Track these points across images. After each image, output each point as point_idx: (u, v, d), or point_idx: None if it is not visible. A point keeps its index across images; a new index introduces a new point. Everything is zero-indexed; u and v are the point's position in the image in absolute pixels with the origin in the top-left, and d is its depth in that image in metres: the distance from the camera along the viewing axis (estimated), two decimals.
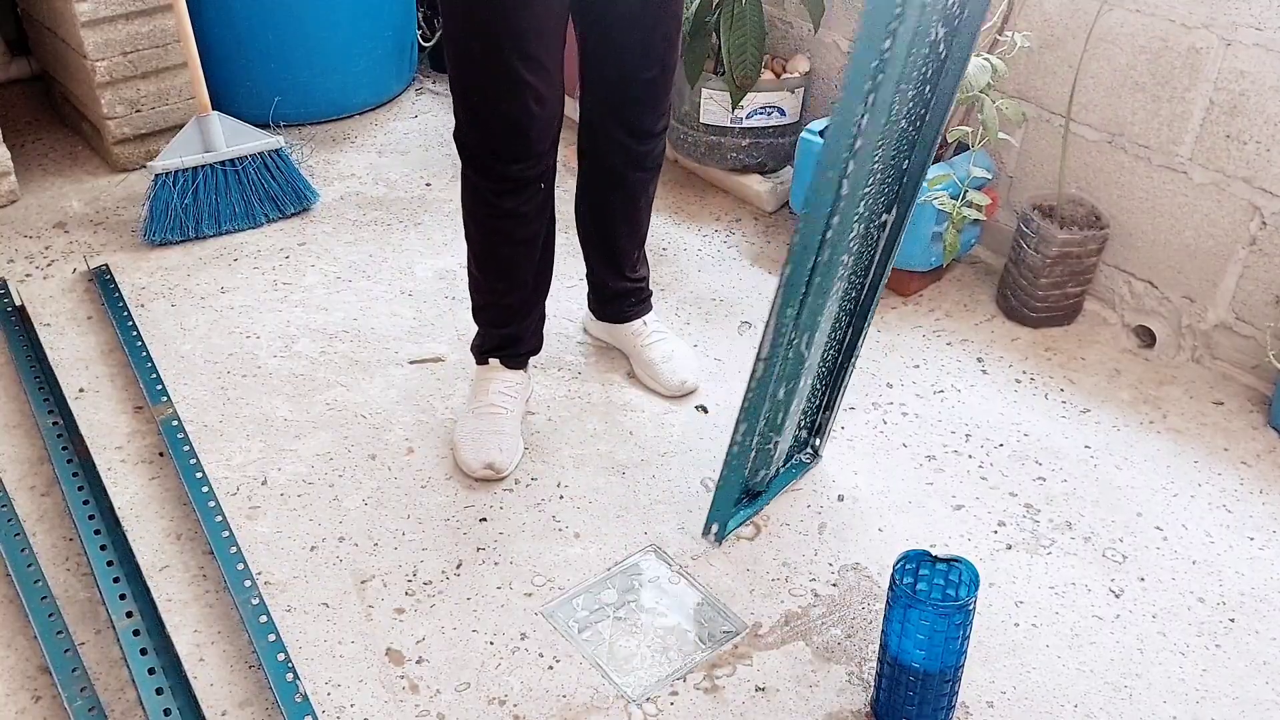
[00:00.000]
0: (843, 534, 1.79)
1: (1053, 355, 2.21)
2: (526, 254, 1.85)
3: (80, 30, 2.57)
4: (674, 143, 2.71)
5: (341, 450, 1.93)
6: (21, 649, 1.55)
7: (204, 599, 1.65)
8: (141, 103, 2.72)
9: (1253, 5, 1.92)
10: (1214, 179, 2.07)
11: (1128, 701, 1.53)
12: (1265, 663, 1.59)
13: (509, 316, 1.92)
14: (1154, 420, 2.05)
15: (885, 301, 2.35)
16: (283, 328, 2.23)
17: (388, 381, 2.10)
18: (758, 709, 1.51)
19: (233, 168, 2.52)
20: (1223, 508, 1.85)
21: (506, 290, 1.90)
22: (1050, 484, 1.89)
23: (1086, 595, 1.69)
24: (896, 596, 1.40)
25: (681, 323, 2.27)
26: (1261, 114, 1.97)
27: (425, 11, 3.26)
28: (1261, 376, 2.10)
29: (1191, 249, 2.14)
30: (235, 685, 1.52)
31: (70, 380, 2.06)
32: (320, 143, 2.94)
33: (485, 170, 1.76)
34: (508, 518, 1.80)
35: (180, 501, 1.80)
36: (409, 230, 2.57)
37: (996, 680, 1.56)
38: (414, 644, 1.59)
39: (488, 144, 1.73)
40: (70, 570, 1.68)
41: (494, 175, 1.76)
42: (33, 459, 1.89)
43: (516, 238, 1.83)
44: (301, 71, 2.92)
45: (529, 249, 1.85)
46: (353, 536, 1.76)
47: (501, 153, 1.72)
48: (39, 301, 2.29)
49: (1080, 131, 2.24)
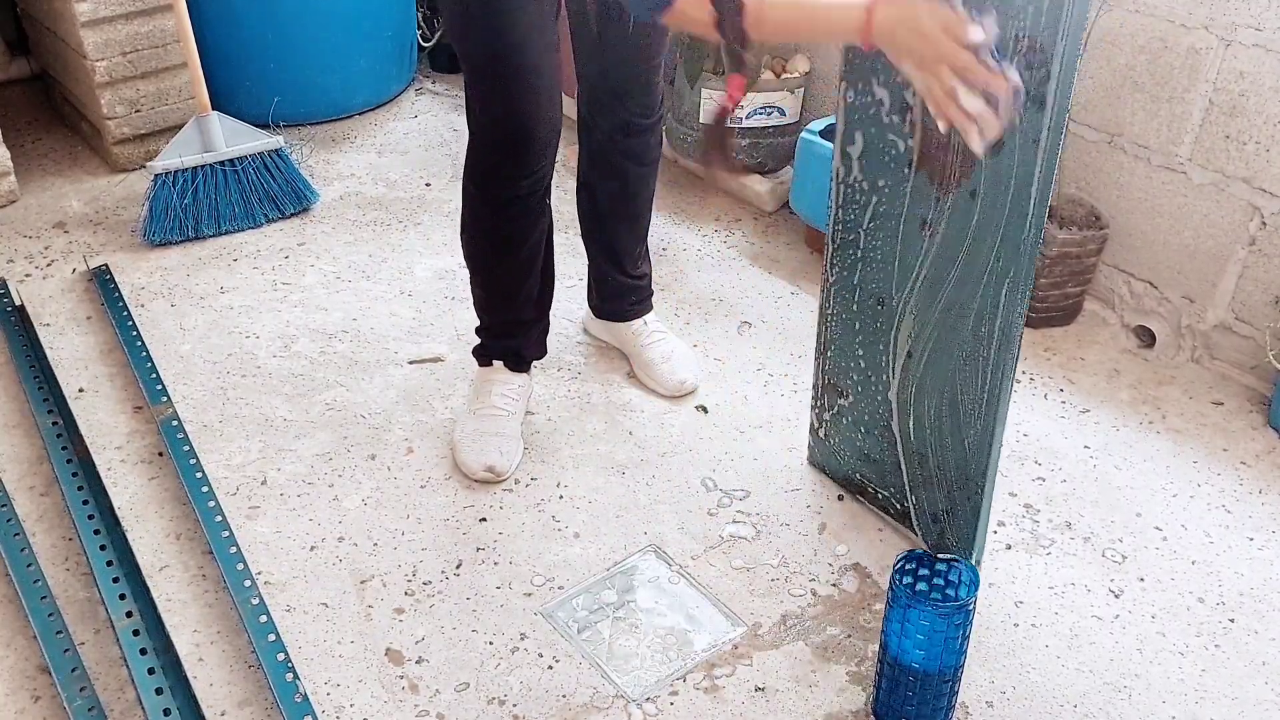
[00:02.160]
0: (843, 534, 1.79)
1: (1052, 355, 2.21)
2: (528, 272, 1.87)
3: (80, 30, 2.57)
4: (674, 143, 2.72)
5: (341, 450, 1.93)
6: (21, 649, 1.55)
7: (204, 599, 1.65)
8: (141, 103, 2.72)
9: (1252, 5, 1.92)
10: (1213, 179, 2.07)
11: (1127, 702, 1.53)
12: (1264, 663, 1.59)
13: (514, 329, 1.93)
14: (1153, 420, 2.05)
15: None
16: (282, 328, 2.23)
17: (387, 381, 2.10)
18: (757, 709, 1.51)
19: (232, 168, 2.52)
20: (1222, 508, 1.85)
21: (511, 308, 1.91)
22: (1050, 484, 1.89)
23: (1086, 595, 1.69)
24: (896, 596, 1.40)
25: (681, 323, 2.27)
26: (1261, 114, 1.97)
27: (425, 11, 3.26)
28: (1261, 377, 2.10)
29: (1191, 249, 2.15)
30: (235, 685, 1.52)
31: (70, 380, 2.06)
32: (320, 143, 2.94)
33: (494, 191, 1.77)
34: (507, 518, 1.80)
35: (180, 501, 1.80)
36: (408, 230, 2.57)
37: (996, 680, 1.56)
38: (414, 644, 1.59)
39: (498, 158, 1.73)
40: (70, 570, 1.68)
41: (501, 196, 1.76)
42: (32, 459, 1.89)
43: (518, 260, 1.84)
44: (301, 71, 2.92)
45: (530, 268, 1.87)
46: (352, 536, 1.76)
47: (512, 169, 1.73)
48: (39, 301, 2.29)
49: (1080, 132, 2.24)
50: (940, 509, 1.68)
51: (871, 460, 1.77)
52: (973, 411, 1.56)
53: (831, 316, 1.73)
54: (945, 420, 1.60)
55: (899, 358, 1.64)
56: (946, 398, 1.59)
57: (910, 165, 1.50)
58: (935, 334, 1.56)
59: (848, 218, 1.62)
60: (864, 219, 1.60)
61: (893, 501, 1.76)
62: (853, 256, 1.64)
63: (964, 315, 1.51)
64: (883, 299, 1.63)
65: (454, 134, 2.99)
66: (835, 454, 1.84)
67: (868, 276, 1.64)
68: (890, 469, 1.74)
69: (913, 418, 1.65)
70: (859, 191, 1.59)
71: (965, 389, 1.55)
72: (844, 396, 1.77)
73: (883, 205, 1.56)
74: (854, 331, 1.70)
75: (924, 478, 1.68)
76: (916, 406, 1.64)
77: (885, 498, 1.77)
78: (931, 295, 1.55)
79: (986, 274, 1.46)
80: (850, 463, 1.81)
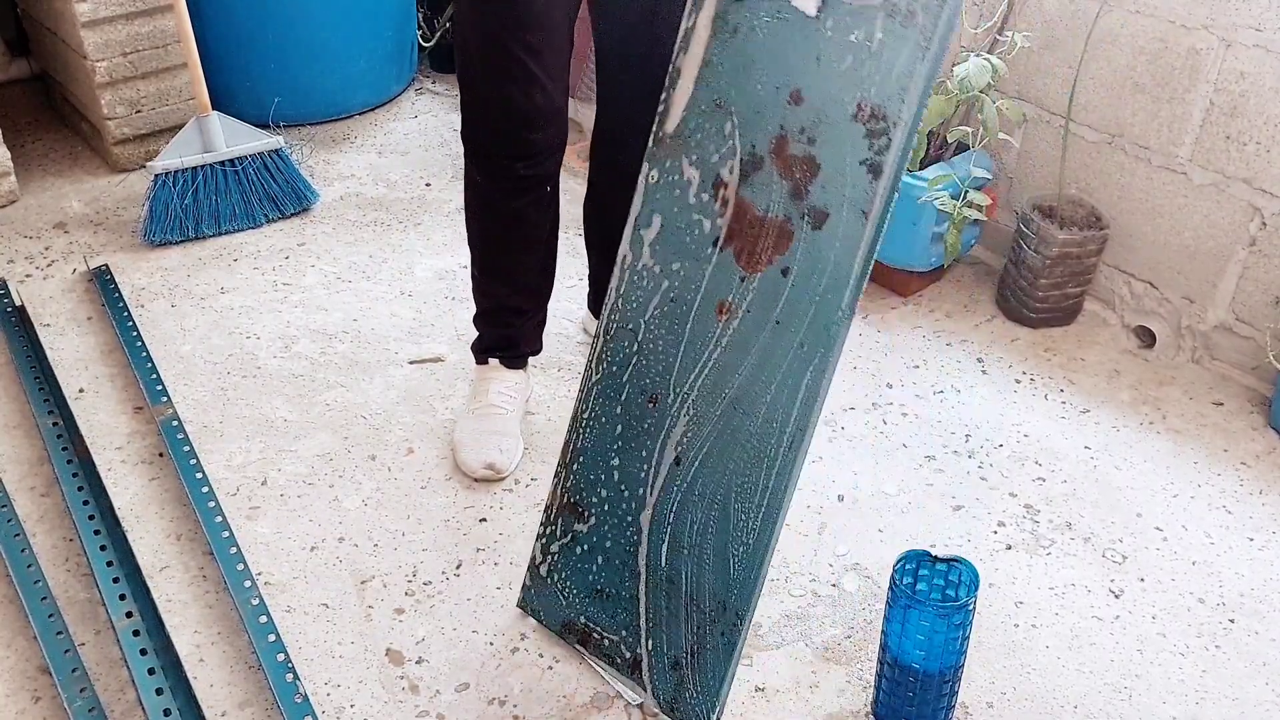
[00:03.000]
0: (843, 534, 1.79)
1: (1052, 356, 2.21)
2: (528, 257, 1.85)
3: (80, 30, 2.57)
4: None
5: (341, 450, 1.93)
6: (21, 649, 1.55)
7: (204, 599, 1.65)
8: (141, 103, 2.72)
9: (1252, 6, 1.92)
10: (1214, 180, 2.07)
11: (1127, 702, 1.53)
12: (1265, 663, 1.59)
13: (510, 318, 1.92)
14: (1154, 421, 2.05)
15: (885, 301, 2.36)
16: (282, 328, 2.23)
17: (387, 382, 2.10)
18: (758, 709, 1.51)
19: (232, 168, 2.52)
20: (1222, 508, 1.85)
21: (509, 293, 1.90)
22: (1050, 484, 1.89)
23: (1086, 596, 1.69)
24: (896, 596, 1.40)
25: None
26: (1261, 115, 1.97)
27: (425, 11, 3.26)
28: (1261, 377, 2.10)
29: (1191, 250, 2.15)
30: (235, 686, 1.52)
31: (70, 380, 2.06)
32: (320, 143, 2.94)
33: (489, 168, 1.76)
34: (508, 518, 1.80)
35: (180, 502, 1.80)
36: (409, 230, 2.57)
37: (996, 680, 1.56)
38: (414, 644, 1.59)
39: (489, 136, 1.72)
40: (70, 570, 1.68)
41: (498, 174, 1.76)
42: (33, 459, 1.89)
43: (517, 240, 1.83)
44: (301, 71, 2.92)
45: (530, 252, 1.85)
46: (353, 537, 1.76)
47: (504, 147, 1.72)
48: (39, 301, 2.29)
49: (1080, 132, 2.24)
50: (684, 650, 1.45)
51: (605, 597, 1.51)
52: (745, 524, 1.37)
53: (587, 422, 1.50)
54: (710, 536, 1.41)
55: (664, 466, 1.43)
56: (717, 508, 1.39)
57: (715, 243, 1.36)
58: (714, 434, 1.39)
59: (628, 307, 1.45)
60: (648, 307, 1.43)
61: (621, 648, 1.51)
62: (626, 351, 1.45)
63: (753, 410, 1.35)
64: (656, 396, 1.43)
65: (454, 134, 2.99)
66: (559, 594, 1.57)
67: (642, 371, 1.44)
68: (626, 606, 1.49)
69: (669, 537, 1.44)
70: (646, 277, 1.43)
71: (742, 497, 1.37)
72: (583, 520, 1.52)
73: (674, 291, 1.40)
74: (613, 438, 1.48)
75: (669, 613, 1.45)
76: (677, 523, 1.43)
77: (612, 644, 1.52)
78: (717, 389, 1.38)
79: (789, 360, 1.31)
80: (577, 604, 1.55)
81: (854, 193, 1.25)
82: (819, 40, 1.25)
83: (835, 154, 1.26)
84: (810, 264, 1.30)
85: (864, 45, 1.23)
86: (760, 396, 1.34)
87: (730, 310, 1.36)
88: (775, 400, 1.33)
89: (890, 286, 2.38)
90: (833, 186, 1.26)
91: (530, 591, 1.61)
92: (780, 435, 1.33)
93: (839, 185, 1.26)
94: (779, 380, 1.33)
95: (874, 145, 1.23)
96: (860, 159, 1.24)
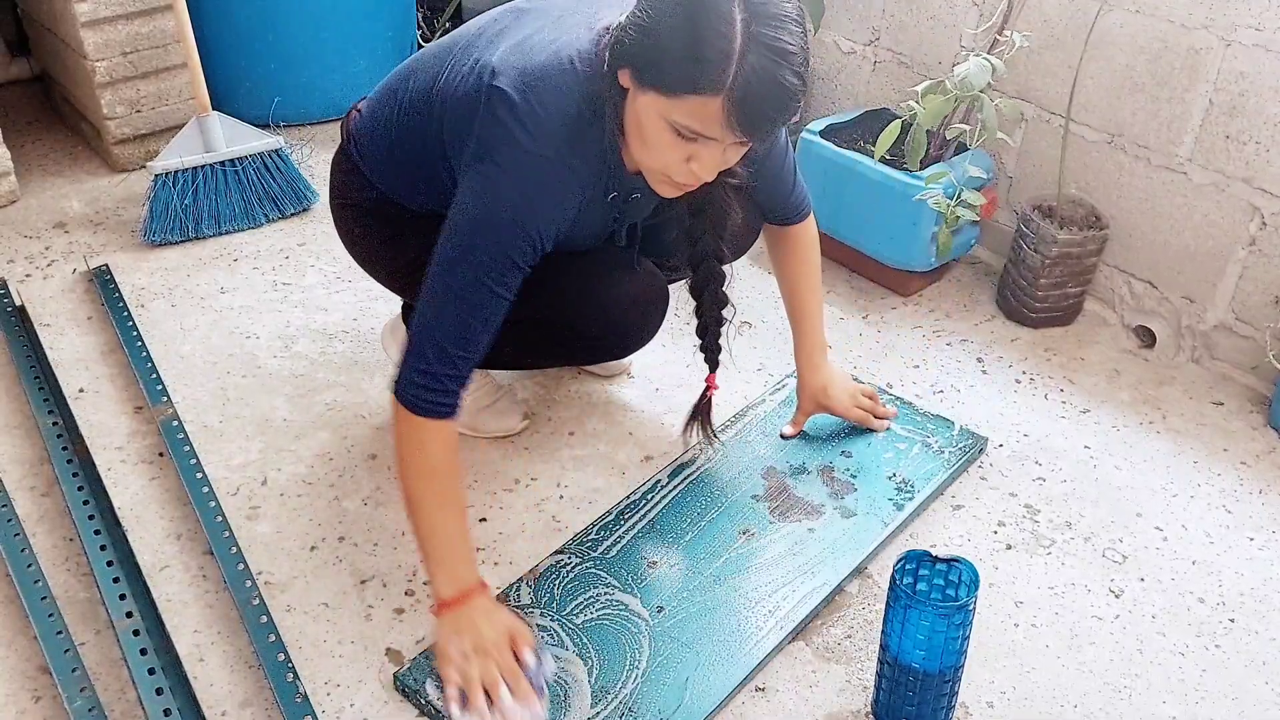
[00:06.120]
0: None
1: (1052, 355, 2.21)
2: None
3: (80, 30, 2.57)
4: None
5: (341, 450, 1.93)
6: (21, 649, 1.56)
7: (204, 599, 1.65)
8: (141, 103, 2.73)
9: (1252, 6, 1.92)
10: (1213, 179, 2.07)
11: (1127, 702, 1.53)
12: (1264, 663, 1.59)
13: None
14: (1153, 420, 2.05)
15: (885, 301, 2.36)
16: (282, 328, 2.23)
17: (388, 382, 2.09)
18: (758, 709, 1.51)
19: (233, 168, 2.53)
20: (1222, 508, 1.85)
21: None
22: (1050, 484, 1.89)
23: (1086, 595, 1.69)
24: (896, 596, 1.40)
25: (681, 323, 2.27)
26: (1261, 114, 1.97)
27: (425, 11, 3.26)
28: (1261, 377, 2.10)
29: (1191, 249, 2.15)
30: (235, 685, 1.52)
31: (70, 380, 2.06)
32: (320, 143, 2.94)
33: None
34: (508, 518, 1.80)
35: (180, 502, 1.80)
36: None
37: (996, 680, 1.56)
38: (414, 644, 1.59)
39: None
40: (70, 570, 1.68)
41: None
42: (33, 459, 1.89)
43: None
44: (301, 71, 2.92)
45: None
46: (353, 536, 1.76)
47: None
48: (39, 301, 2.29)
49: (1080, 132, 2.24)
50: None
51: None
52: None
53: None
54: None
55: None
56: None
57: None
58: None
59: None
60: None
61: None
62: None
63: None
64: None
65: None
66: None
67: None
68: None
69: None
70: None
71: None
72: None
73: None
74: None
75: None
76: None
77: None
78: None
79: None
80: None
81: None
82: None
83: None
84: None
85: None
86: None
87: None
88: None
89: (890, 286, 2.38)
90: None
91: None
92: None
93: None
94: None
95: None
96: None
